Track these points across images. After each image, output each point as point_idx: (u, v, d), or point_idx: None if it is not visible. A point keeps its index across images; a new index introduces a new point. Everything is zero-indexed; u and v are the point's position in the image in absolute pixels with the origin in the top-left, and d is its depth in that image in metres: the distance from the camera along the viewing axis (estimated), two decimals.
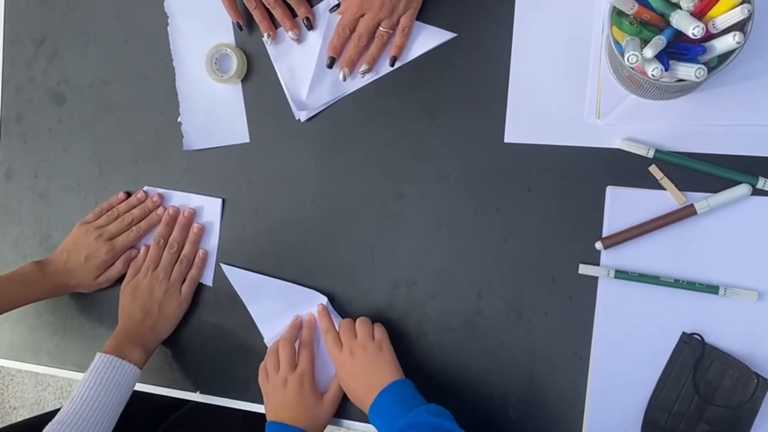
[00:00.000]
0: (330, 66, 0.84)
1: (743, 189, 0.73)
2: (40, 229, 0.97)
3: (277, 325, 0.89)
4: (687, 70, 0.61)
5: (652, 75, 0.62)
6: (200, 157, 0.91)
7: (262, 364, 0.87)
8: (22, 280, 0.88)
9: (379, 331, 0.83)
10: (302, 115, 0.86)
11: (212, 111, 0.90)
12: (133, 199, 0.92)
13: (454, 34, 0.82)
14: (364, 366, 0.80)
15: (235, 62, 0.87)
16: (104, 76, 0.94)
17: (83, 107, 0.95)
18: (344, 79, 0.84)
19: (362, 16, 0.82)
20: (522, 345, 0.81)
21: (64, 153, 0.96)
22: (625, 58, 0.62)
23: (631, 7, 0.63)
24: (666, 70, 0.62)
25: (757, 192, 0.74)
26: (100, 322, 0.95)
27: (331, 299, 0.87)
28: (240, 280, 0.90)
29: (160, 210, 0.92)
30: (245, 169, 0.89)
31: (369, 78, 0.84)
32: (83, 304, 0.96)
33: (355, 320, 0.84)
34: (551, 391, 0.80)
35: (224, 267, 0.90)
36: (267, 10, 0.86)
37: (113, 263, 0.91)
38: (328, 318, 0.86)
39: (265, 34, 0.86)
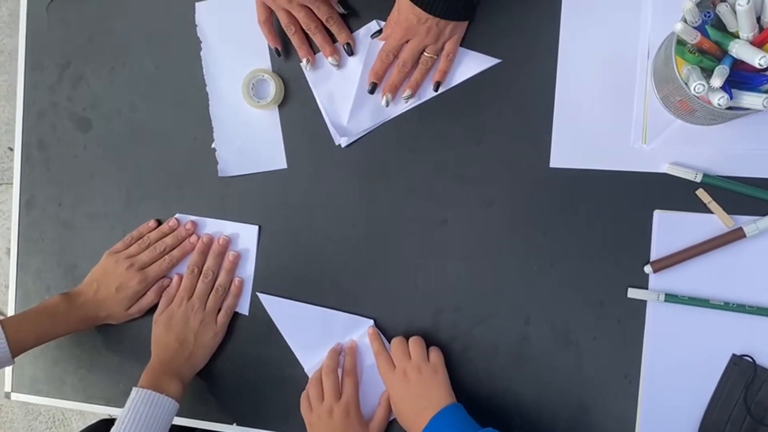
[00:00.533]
0: (372, 92, 0.84)
1: None
2: (64, 259, 0.94)
3: (318, 354, 0.87)
4: (754, 100, 0.62)
5: (718, 104, 0.62)
6: (236, 183, 0.89)
7: (304, 393, 0.86)
8: (50, 313, 0.85)
9: (435, 354, 0.82)
10: (343, 141, 0.85)
11: (248, 137, 0.88)
12: (164, 227, 0.90)
13: (498, 60, 0.82)
14: (417, 388, 0.79)
15: (272, 88, 0.86)
16: (133, 102, 0.91)
17: (110, 133, 0.92)
18: (387, 105, 0.84)
19: (407, 42, 0.81)
20: (571, 369, 0.81)
21: (91, 180, 0.93)
22: (692, 88, 0.63)
23: (694, 37, 0.64)
24: (731, 98, 0.63)
25: None
26: (128, 354, 0.93)
27: (374, 325, 0.86)
28: (277, 308, 0.89)
29: (193, 238, 0.89)
30: (283, 195, 0.88)
31: (411, 103, 0.84)
32: (109, 335, 0.93)
33: (408, 339, 0.83)
34: (601, 416, 0.80)
35: (261, 296, 0.89)
36: (306, 35, 0.85)
37: (145, 293, 0.89)
38: (379, 340, 0.85)
39: (304, 60, 0.85)
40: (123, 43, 0.92)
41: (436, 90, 0.83)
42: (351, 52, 0.85)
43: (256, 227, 0.89)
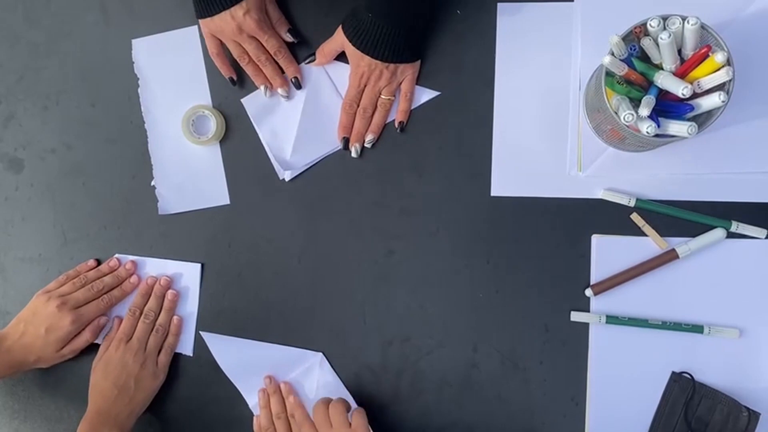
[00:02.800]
0: (346, 147, 0.85)
1: (719, 233, 0.78)
2: None
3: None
4: (679, 127, 0.66)
5: (647, 132, 0.66)
6: (177, 221, 0.87)
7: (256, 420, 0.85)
8: None
9: (357, 418, 0.77)
10: (287, 175, 0.85)
11: (189, 173, 0.87)
12: (104, 267, 0.87)
13: (438, 92, 0.84)
14: None
15: (213, 123, 0.85)
16: (68, 141, 0.89)
17: (44, 174, 0.89)
18: (358, 155, 0.85)
19: (364, 88, 0.83)
20: (519, 395, 0.82)
21: (23, 223, 0.90)
22: (621, 117, 0.66)
23: (621, 69, 0.67)
24: (658, 127, 0.66)
25: (731, 235, 0.79)
26: (66, 401, 0.89)
27: (321, 360, 0.85)
28: (221, 347, 0.87)
29: (134, 278, 0.87)
30: (227, 231, 0.87)
31: (370, 144, 0.85)
32: (46, 381, 0.89)
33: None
34: None
35: (204, 335, 0.87)
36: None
37: (79, 333, 0.86)
38: (302, 407, 0.84)
39: (262, 87, 0.85)
40: (56, 80, 0.89)
41: (402, 130, 0.85)
42: (299, 86, 0.85)
43: (199, 265, 0.87)
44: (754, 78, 0.77)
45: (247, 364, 0.86)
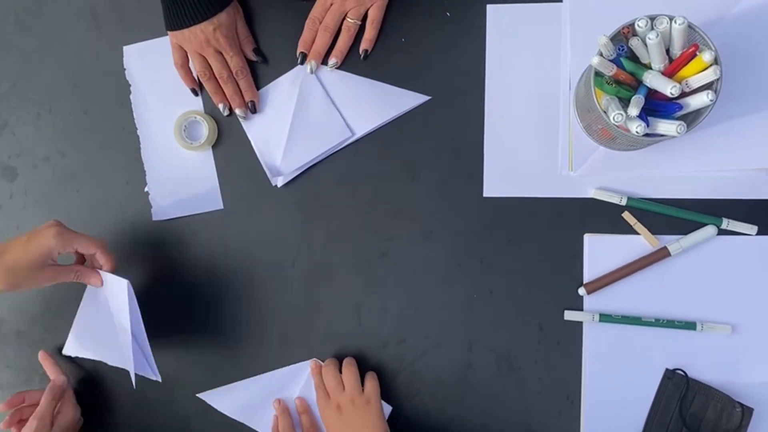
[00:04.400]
0: (302, 62, 0.85)
1: (710, 230, 0.79)
2: None
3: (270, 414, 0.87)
4: (668, 127, 0.66)
5: (636, 132, 0.66)
6: (172, 226, 0.87)
7: None
8: None
9: (369, 382, 0.82)
10: (278, 181, 0.86)
11: (183, 179, 0.87)
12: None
13: (428, 97, 0.84)
14: (350, 420, 0.79)
15: (205, 129, 0.85)
16: (62, 148, 0.89)
17: (38, 181, 0.89)
18: (311, 72, 0.85)
19: (330, 6, 0.83)
20: (515, 394, 0.83)
21: (18, 230, 0.90)
22: (611, 117, 0.67)
23: (610, 69, 0.67)
24: (647, 126, 0.67)
25: (722, 232, 0.80)
26: None
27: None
28: (222, 400, 0.87)
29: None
30: (221, 236, 0.87)
31: (331, 68, 0.85)
32: None
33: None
34: None
35: (202, 395, 0.87)
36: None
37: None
38: (319, 374, 0.84)
39: (220, 105, 0.85)
40: (49, 88, 0.89)
41: (365, 58, 0.85)
42: (254, 110, 0.86)
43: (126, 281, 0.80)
44: (741, 76, 0.78)
45: (253, 402, 0.86)
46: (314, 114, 0.85)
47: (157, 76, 0.88)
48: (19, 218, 0.90)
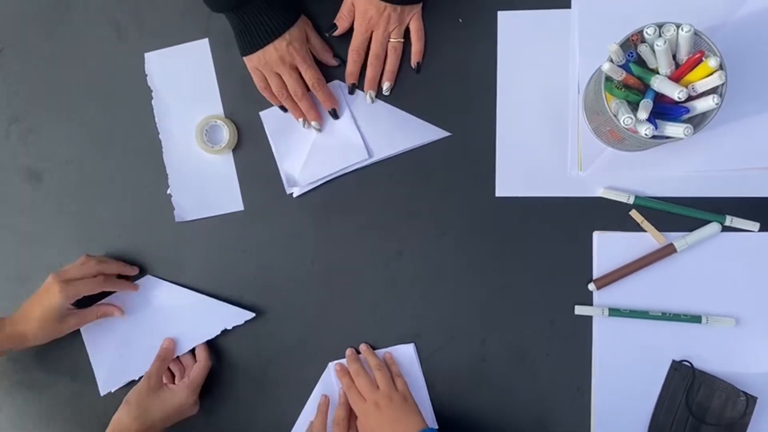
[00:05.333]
0: (351, 92, 0.87)
1: (714, 227, 0.82)
2: (18, 307, 0.92)
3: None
4: (675, 129, 0.69)
5: (645, 134, 0.69)
6: (193, 228, 0.90)
7: None
8: None
9: (401, 382, 0.85)
10: (294, 191, 0.89)
11: (204, 182, 0.90)
12: (121, 265, 0.90)
13: (449, 133, 0.87)
14: (393, 415, 0.82)
15: (226, 133, 0.88)
16: (84, 153, 0.92)
17: (63, 184, 0.92)
18: (372, 101, 0.87)
19: (371, 35, 0.85)
20: (528, 386, 0.86)
21: (44, 232, 0.92)
22: (621, 121, 0.70)
23: (620, 75, 0.70)
24: (656, 129, 0.70)
25: (726, 229, 0.83)
26: (90, 412, 0.92)
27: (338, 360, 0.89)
28: None
29: (128, 270, 0.90)
30: (241, 237, 0.90)
31: (388, 92, 0.87)
32: (71, 389, 0.92)
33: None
34: (558, 428, 0.85)
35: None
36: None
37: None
38: (348, 375, 0.87)
39: (300, 120, 0.87)
40: (73, 94, 0.92)
41: (418, 71, 0.87)
42: (336, 116, 0.88)
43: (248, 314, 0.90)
44: (745, 78, 0.81)
45: None
46: (338, 132, 0.88)
47: (178, 82, 0.91)
48: (45, 220, 0.93)
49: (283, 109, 0.88)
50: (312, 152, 0.88)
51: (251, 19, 0.81)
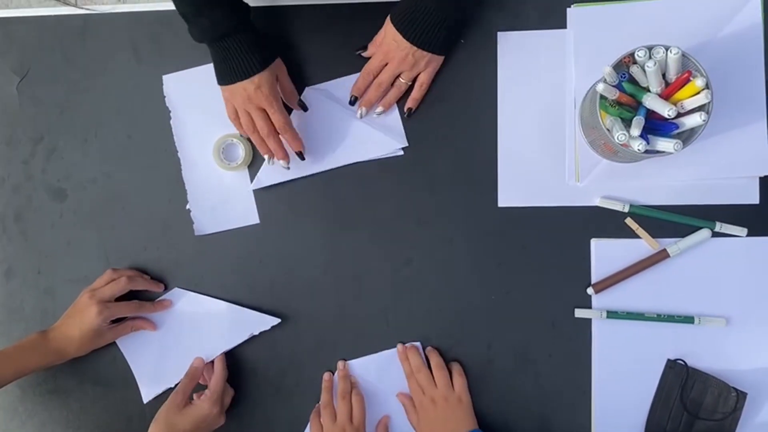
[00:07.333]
0: (352, 103, 0.92)
1: (705, 233, 0.87)
2: (46, 324, 0.95)
3: None
4: (666, 144, 0.74)
5: (638, 149, 0.74)
6: (212, 240, 0.95)
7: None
8: (25, 347, 0.89)
9: (460, 382, 0.90)
10: (253, 185, 0.94)
11: (221, 196, 0.95)
12: (150, 282, 0.95)
13: (405, 144, 0.93)
14: (446, 413, 0.88)
15: (241, 151, 0.93)
16: (107, 170, 0.97)
17: (86, 201, 0.97)
18: (361, 117, 0.92)
19: (386, 65, 0.90)
20: (531, 387, 0.91)
21: (68, 247, 0.97)
22: (615, 137, 0.75)
23: (614, 94, 0.76)
24: (648, 144, 0.75)
25: (715, 234, 0.88)
26: (117, 413, 0.97)
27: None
28: None
29: (166, 302, 0.95)
30: (257, 248, 0.95)
31: (378, 115, 0.93)
32: (96, 392, 0.97)
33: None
34: (561, 427, 0.91)
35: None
36: None
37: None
38: (408, 362, 0.92)
39: (266, 156, 0.91)
40: (94, 115, 0.97)
41: (408, 116, 0.92)
42: (302, 158, 0.91)
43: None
44: (730, 92, 0.86)
45: None
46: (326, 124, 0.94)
47: (195, 102, 0.95)
48: (69, 236, 0.97)
49: (249, 141, 0.92)
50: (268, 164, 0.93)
51: (226, 55, 0.83)
